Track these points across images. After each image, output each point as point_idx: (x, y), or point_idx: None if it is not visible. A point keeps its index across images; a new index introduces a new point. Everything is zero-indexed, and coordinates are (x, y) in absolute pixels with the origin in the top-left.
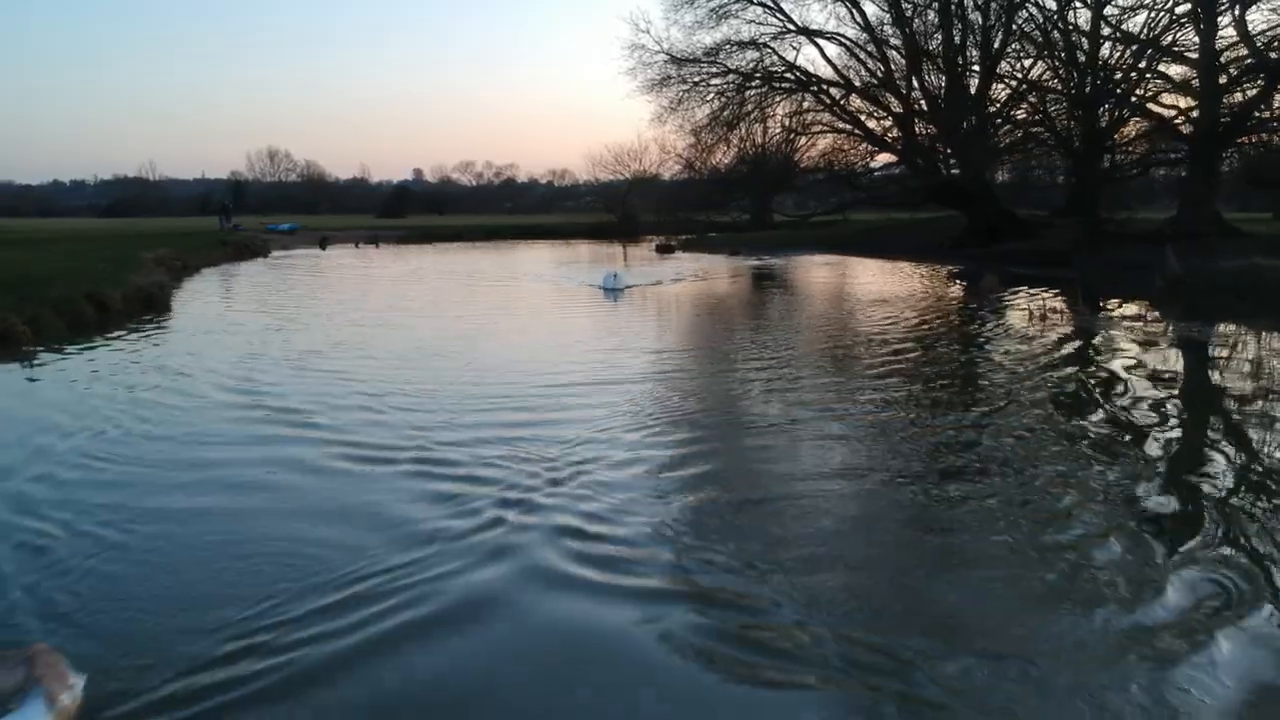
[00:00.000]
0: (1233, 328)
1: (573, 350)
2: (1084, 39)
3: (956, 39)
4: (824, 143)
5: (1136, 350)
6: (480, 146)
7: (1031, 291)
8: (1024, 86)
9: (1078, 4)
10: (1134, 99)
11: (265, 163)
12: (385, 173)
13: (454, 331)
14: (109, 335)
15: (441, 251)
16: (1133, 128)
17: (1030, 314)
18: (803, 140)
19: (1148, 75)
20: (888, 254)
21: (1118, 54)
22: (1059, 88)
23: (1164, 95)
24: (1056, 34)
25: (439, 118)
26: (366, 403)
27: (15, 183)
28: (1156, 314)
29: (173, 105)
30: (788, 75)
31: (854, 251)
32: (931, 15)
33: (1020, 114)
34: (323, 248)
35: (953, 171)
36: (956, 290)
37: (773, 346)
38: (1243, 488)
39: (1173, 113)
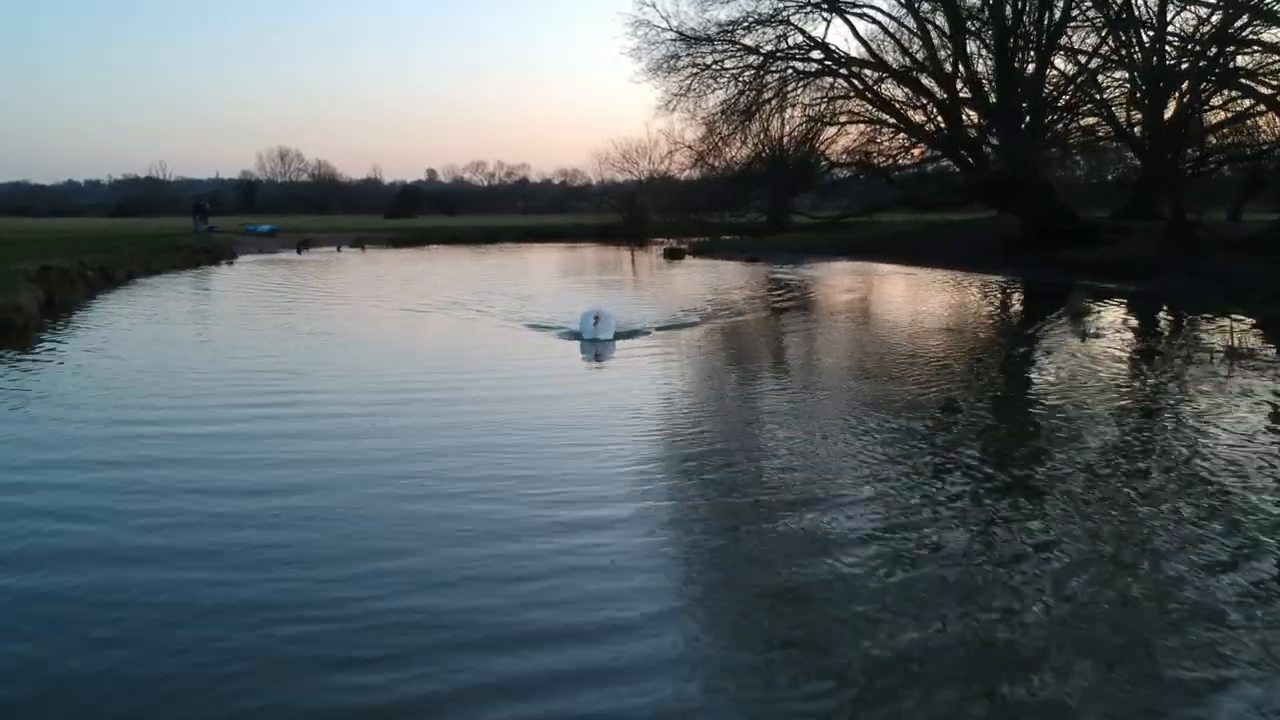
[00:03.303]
0: None
1: (494, 513)
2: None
3: (1009, 13)
4: (852, 134)
5: None
6: (492, 146)
7: (1164, 328)
8: (1083, 73)
9: None
10: (1217, 73)
11: (276, 163)
12: (397, 173)
13: (287, 453)
14: None
15: (428, 258)
16: (1217, 113)
17: (1175, 364)
18: (828, 132)
19: (1240, 45)
20: (928, 262)
21: (1200, 22)
22: (1127, 63)
23: (1263, 75)
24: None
25: (451, 118)
26: None
27: (29, 182)
28: None
29: (186, 105)
30: (813, 56)
31: (888, 258)
32: None
33: (1077, 100)
34: (299, 252)
35: (1002, 166)
36: (1041, 315)
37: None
38: None
39: (1270, 91)
